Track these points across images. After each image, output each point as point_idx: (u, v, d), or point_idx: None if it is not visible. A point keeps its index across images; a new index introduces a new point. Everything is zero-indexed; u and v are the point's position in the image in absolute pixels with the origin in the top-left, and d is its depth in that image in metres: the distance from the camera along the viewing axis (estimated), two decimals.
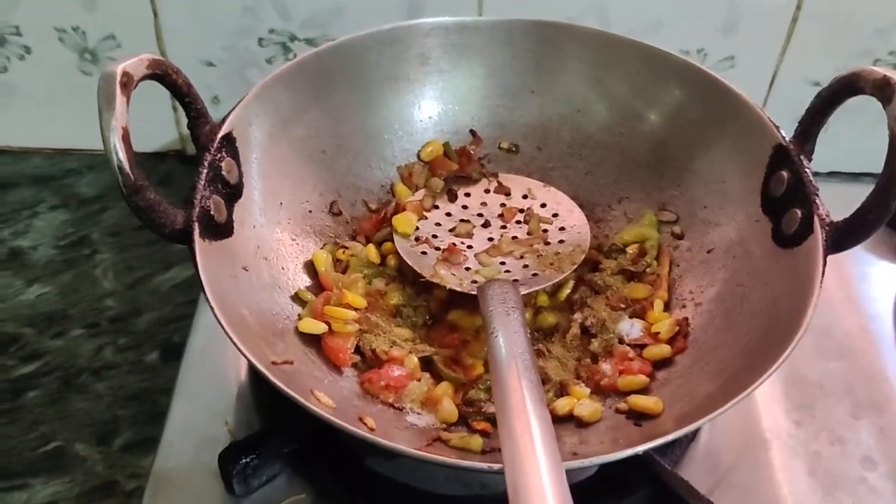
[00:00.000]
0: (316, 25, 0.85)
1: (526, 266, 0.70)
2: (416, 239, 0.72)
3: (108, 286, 0.82)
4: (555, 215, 0.74)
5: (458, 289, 0.68)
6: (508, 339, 0.57)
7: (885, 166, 0.57)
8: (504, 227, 0.74)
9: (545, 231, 0.73)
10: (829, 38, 0.86)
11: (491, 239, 0.73)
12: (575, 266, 0.70)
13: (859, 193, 0.59)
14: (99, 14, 0.85)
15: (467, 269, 0.70)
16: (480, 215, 0.75)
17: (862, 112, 0.65)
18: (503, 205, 0.75)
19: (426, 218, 0.74)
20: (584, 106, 0.77)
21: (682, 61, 0.73)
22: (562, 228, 0.73)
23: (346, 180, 0.75)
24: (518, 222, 0.74)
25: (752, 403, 0.71)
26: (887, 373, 0.74)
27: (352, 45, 0.74)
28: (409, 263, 0.70)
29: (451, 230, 0.73)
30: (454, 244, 0.71)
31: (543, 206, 0.75)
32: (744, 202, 0.68)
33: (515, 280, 0.68)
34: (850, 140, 0.88)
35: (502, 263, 0.71)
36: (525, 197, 0.76)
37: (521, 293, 0.64)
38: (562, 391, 0.65)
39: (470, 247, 0.72)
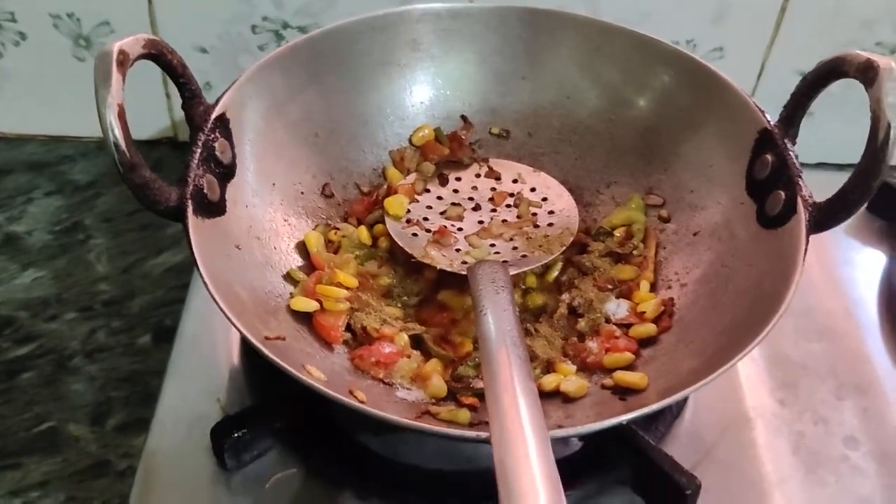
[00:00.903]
0: (308, 14, 0.86)
1: (515, 248, 0.71)
2: (408, 221, 0.73)
3: (101, 270, 0.82)
4: (544, 199, 0.75)
5: (448, 269, 0.69)
6: (497, 316, 0.58)
7: (867, 147, 0.58)
8: (494, 210, 0.75)
9: (534, 214, 0.74)
10: (817, 30, 0.87)
11: (481, 222, 0.74)
12: (563, 248, 0.71)
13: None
14: (93, 0, 0.85)
15: (457, 250, 0.71)
16: (471, 199, 0.76)
17: (848, 102, 0.65)
18: (493, 189, 0.76)
19: (417, 201, 0.75)
20: (574, 92, 0.78)
21: (671, 48, 0.75)
22: (551, 212, 0.74)
23: (339, 163, 0.76)
24: (508, 206, 0.75)
25: (736, 382, 0.71)
26: (871, 355, 0.75)
27: (344, 31, 0.74)
28: (400, 244, 0.71)
29: (441, 213, 0.74)
30: (445, 226, 0.72)
31: (533, 190, 0.76)
32: (729, 185, 0.69)
33: (505, 261, 0.69)
34: (837, 131, 0.89)
35: (492, 245, 0.71)
36: (515, 181, 0.77)
37: (511, 273, 0.65)
38: (549, 368, 0.66)
39: (460, 229, 0.73)
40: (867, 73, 0.59)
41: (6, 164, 0.92)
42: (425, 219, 0.73)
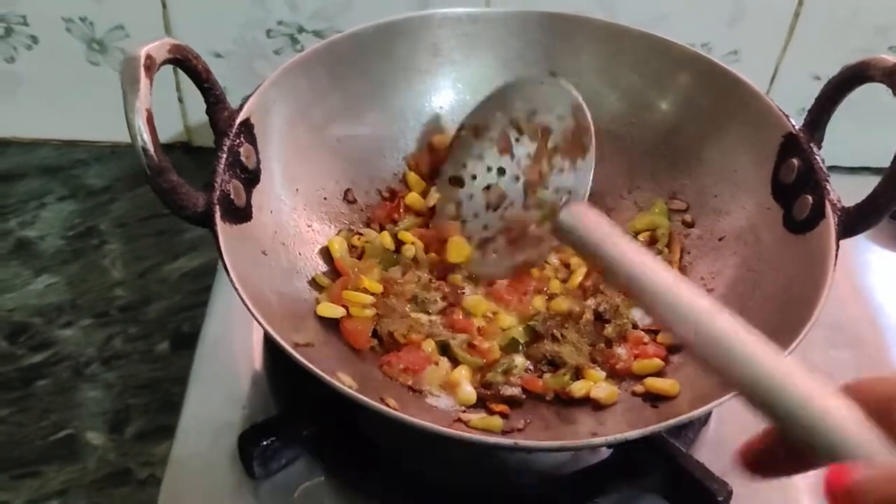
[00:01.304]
0: (324, 17, 0.85)
1: None
2: (478, 248, 0.72)
3: (116, 276, 0.81)
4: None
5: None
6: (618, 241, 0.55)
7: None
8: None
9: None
10: (831, 34, 0.87)
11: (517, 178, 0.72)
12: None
13: (859, 186, 0.60)
14: (107, 4, 0.85)
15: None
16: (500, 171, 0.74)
17: (862, 106, 0.66)
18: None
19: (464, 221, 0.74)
20: (594, 97, 0.77)
21: (691, 52, 0.75)
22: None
23: (361, 168, 0.76)
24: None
25: None
26: (895, 363, 0.75)
27: (365, 35, 0.74)
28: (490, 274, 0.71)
29: (487, 208, 0.73)
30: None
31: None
32: (754, 190, 0.69)
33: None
34: (850, 134, 0.89)
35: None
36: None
37: None
38: (578, 374, 0.65)
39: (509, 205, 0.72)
40: (894, 77, 0.58)
41: (19, 169, 0.92)
42: (484, 227, 0.72)
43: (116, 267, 0.82)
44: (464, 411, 0.62)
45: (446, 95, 0.78)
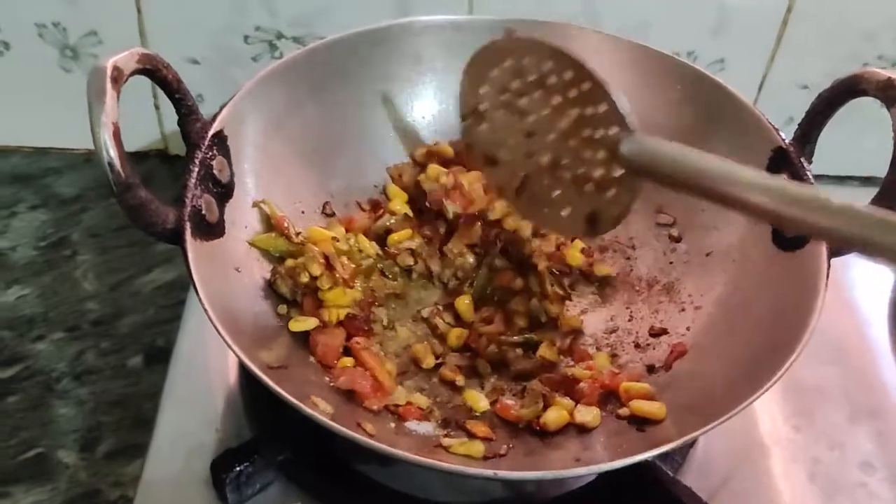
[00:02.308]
0: (303, 24, 0.83)
1: None
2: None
3: (89, 288, 0.80)
4: None
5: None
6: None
7: (890, 169, 0.57)
8: None
9: None
10: (819, 42, 0.86)
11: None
12: None
13: (846, 196, 0.57)
14: (80, 9, 0.83)
15: None
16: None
17: (848, 117, 0.65)
18: None
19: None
20: None
21: (677, 62, 0.74)
22: None
23: (339, 180, 0.74)
24: None
25: (751, 409, 0.68)
26: (883, 377, 0.74)
27: (344, 44, 0.73)
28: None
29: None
30: None
31: None
32: None
33: None
34: (837, 144, 0.88)
35: None
36: None
37: None
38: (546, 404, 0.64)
39: None
40: (888, 92, 0.58)
41: None
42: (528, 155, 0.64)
43: (89, 279, 0.81)
44: (445, 436, 0.60)
45: (428, 104, 0.77)
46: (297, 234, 0.68)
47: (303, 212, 0.71)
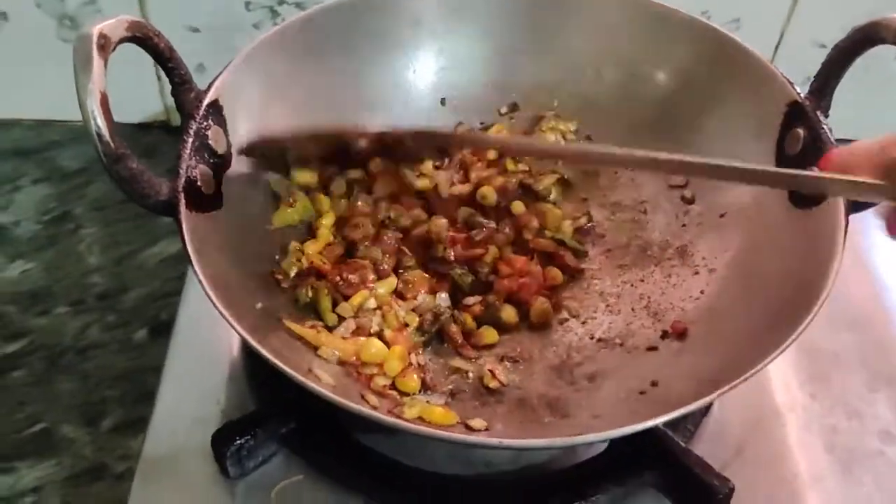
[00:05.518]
0: None
1: None
2: None
3: (93, 262, 0.79)
4: None
5: None
6: None
7: None
8: None
9: None
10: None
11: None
12: None
13: None
14: None
15: None
16: None
17: (870, 73, 0.63)
18: None
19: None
20: (586, 68, 0.75)
21: (689, 18, 0.71)
22: None
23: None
24: None
25: (765, 375, 0.68)
26: None
27: (342, 8, 0.71)
28: None
29: None
30: None
31: None
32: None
33: None
34: (856, 104, 0.86)
35: None
36: None
37: None
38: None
39: None
40: None
41: None
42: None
43: (93, 252, 0.80)
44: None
45: (429, 69, 0.75)
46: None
47: None
